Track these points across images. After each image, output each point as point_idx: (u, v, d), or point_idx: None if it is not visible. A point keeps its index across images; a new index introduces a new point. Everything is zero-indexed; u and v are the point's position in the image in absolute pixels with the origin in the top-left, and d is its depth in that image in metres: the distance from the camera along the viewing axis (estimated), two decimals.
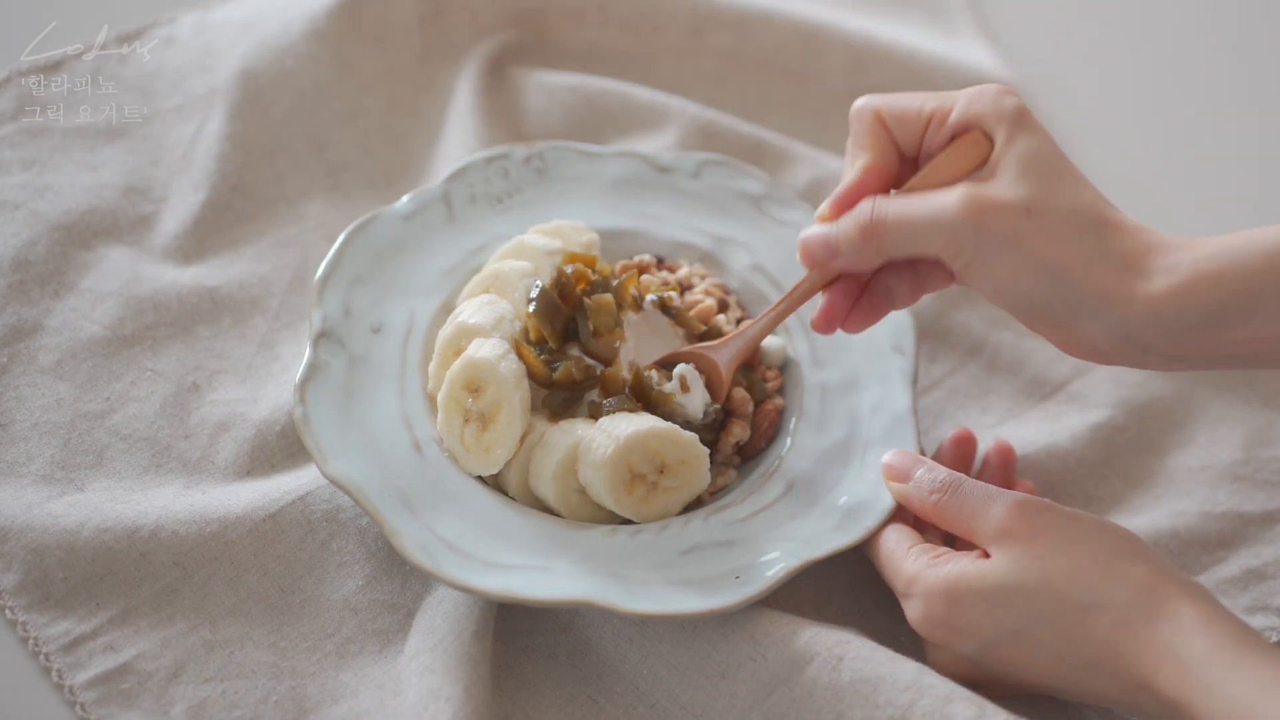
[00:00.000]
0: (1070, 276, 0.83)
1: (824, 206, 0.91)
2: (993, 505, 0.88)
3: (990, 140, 0.87)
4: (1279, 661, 0.79)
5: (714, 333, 1.01)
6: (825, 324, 0.93)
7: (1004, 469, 1.00)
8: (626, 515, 0.93)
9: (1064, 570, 0.84)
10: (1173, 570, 0.84)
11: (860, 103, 0.91)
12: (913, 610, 0.88)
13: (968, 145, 0.88)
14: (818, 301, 0.94)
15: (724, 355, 0.98)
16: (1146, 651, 0.81)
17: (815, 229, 0.91)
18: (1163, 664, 0.81)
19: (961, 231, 0.85)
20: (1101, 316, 0.84)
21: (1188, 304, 0.82)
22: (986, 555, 0.87)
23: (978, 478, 0.97)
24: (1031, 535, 0.86)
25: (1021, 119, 0.86)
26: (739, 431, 0.98)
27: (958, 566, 0.87)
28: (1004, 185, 0.85)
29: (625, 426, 0.92)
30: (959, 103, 0.88)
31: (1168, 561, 0.85)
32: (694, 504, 0.96)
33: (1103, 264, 0.84)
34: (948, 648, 0.88)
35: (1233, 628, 0.81)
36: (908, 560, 0.89)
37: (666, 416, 0.95)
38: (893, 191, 0.90)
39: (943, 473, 0.91)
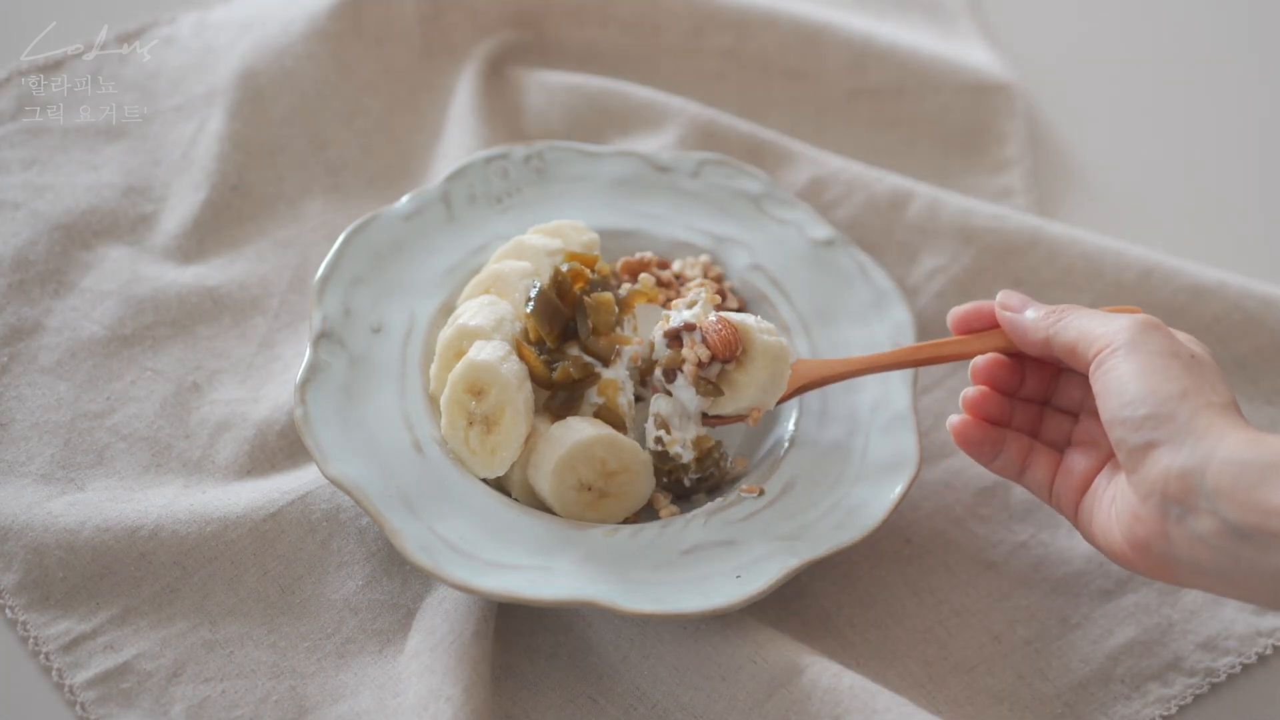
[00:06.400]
0: (1185, 396, 0.83)
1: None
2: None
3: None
4: None
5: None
6: (973, 441, 0.94)
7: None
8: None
9: None
10: None
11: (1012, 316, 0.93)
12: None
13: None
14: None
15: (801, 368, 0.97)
16: None
17: (1015, 294, 0.94)
18: None
19: (1121, 333, 0.87)
20: (1186, 447, 0.83)
21: (1264, 452, 0.81)
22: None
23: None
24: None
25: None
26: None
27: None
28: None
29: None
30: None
31: None
32: (690, 507, 0.96)
33: (1209, 396, 0.84)
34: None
35: None
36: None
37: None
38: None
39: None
